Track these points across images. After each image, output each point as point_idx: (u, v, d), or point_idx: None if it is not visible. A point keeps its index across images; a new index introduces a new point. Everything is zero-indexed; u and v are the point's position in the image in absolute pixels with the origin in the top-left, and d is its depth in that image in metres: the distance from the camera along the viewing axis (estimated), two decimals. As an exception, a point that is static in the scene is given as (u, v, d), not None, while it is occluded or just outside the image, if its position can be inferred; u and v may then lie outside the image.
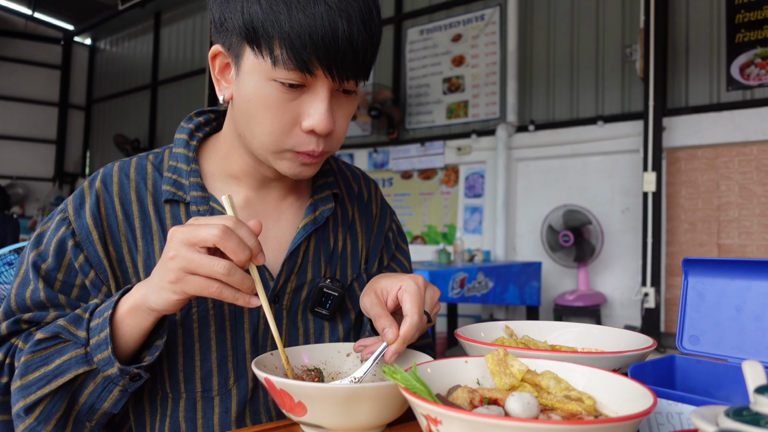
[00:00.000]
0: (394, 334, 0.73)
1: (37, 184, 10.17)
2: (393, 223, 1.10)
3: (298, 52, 0.72)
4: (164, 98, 9.24)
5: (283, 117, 0.77)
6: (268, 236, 0.92)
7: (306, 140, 0.79)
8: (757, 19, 4.21)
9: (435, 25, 6.05)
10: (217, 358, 0.84)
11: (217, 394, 0.83)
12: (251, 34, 0.74)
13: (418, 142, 6.02)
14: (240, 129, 0.83)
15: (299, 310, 0.91)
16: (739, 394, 0.64)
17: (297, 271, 0.91)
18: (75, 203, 0.86)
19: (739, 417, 0.41)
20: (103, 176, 0.88)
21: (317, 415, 0.63)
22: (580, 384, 0.60)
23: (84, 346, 0.73)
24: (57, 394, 0.73)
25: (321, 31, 0.72)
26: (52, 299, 0.81)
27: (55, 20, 10.16)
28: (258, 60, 0.75)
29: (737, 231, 4.26)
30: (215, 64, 0.83)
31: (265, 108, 0.77)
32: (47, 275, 0.82)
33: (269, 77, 0.75)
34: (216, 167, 0.92)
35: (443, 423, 0.47)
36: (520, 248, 5.35)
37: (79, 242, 0.82)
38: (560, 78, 5.18)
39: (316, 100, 0.77)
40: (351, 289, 0.97)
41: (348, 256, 0.99)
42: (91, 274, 0.82)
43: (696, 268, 0.75)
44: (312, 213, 0.93)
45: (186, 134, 0.92)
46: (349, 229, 1.00)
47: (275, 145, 0.80)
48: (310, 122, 0.77)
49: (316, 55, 0.72)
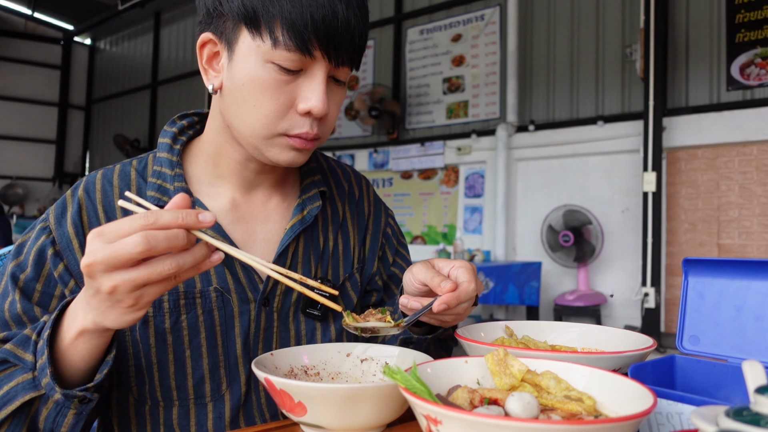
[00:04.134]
0: (452, 284, 0.74)
1: (37, 184, 10.16)
2: (390, 219, 1.09)
3: (299, 32, 0.73)
4: (164, 98, 9.25)
5: (279, 99, 0.77)
6: (257, 238, 0.90)
7: (300, 122, 0.79)
8: (757, 19, 4.21)
9: (435, 25, 6.05)
10: (208, 365, 0.83)
11: (210, 399, 0.83)
12: (250, 14, 0.74)
13: (418, 142, 6.02)
14: (229, 117, 0.82)
15: (290, 312, 0.90)
16: (739, 394, 0.64)
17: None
18: (56, 212, 0.83)
19: (739, 417, 0.41)
20: (86, 184, 0.86)
21: (317, 415, 0.63)
22: (580, 384, 0.60)
23: (31, 370, 0.71)
24: (13, 420, 0.70)
25: (321, 12, 0.73)
26: (28, 312, 0.78)
27: (55, 20, 10.16)
28: (256, 42, 0.75)
29: (737, 231, 4.26)
30: (203, 53, 0.82)
31: (261, 90, 0.77)
32: (25, 286, 0.79)
33: (267, 59, 0.75)
34: (201, 170, 0.90)
35: (443, 423, 0.47)
36: (520, 248, 5.35)
37: (59, 251, 0.80)
38: (560, 78, 5.18)
39: (314, 83, 0.77)
40: (343, 288, 0.96)
41: (339, 256, 0.97)
42: (71, 283, 0.80)
43: (696, 268, 0.75)
44: (300, 213, 0.92)
45: (169, 138, 0.91)
46: (340, 227, 0.99)
47: (268, 129, 0.79)
48: (306, 104, 0.77)
49: (316, 37, 0.73)
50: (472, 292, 0.77)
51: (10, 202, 9.55)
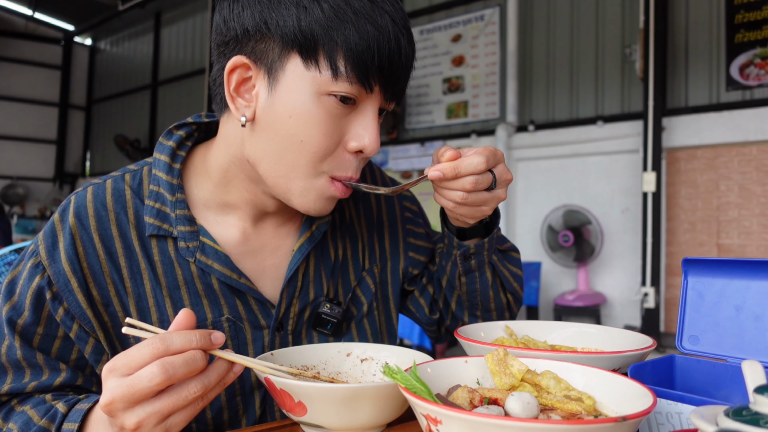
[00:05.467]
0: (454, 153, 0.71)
1: (37, 185, 10.17)
2: (406, 201, 1.03)
3: (364, 65, 0.67)
4: (164, 98, 9.25)
5: (332, 135, 0.70)
6: (266, 265, 0.86)
7: (347, 162, 0.73)
8: (756, 19, 4.21)
9: (435, 26, 6.05)
10: (226, 395, 0.81)
11: (227, 427, 0.82)
12: (309, 41, 0.67)
13: (418, 142, 6.02)
14: (258, 154, 0.73)
15: (303, 329, 0.88)
16: (738, 394, 0.64)
17: (298, 295, 0.86)
18: (47, 243, 0.75)
19: (738, 417, 0.41)
20: (77, 209, 0.77)
21: (317, 415, 0.63)
22: (580, 384, 0.60)
23: None
24: None
25: (388, 46, 0.68)
26: (29, 359, 0.74)
27: (55, 20, 10.16)
28: (311, 72, 0.68)
29: (737, 231, 4.26)
30: (232, 78, 0.72)
31: (313, 125, 0.69)
32: (24, 331, 0.74)
33: (325, 91, 0.68)
34: (207, 194, 0.82)
35: (443, 423, 0.47)
36: (520, 248, 5.34)
37: (57, 293, 0.74)
38: (560, 78, 5.18)
39: (367, 119, 0.72)
40: (354, 297, 0.93)
41: (349, 263, 0.94)
42: (74, 326, 0.75)
43: (696, 268, 0.75)
44: (308, 230, 0.87)
45: (167, 155, 0.81)
46: (348, 231, 0.95)
47: (314, 168, 0.72)
48: (360, 142, 0.72)
49: (380, 71, 0.68)
50: (479, 165, 0.70)
51: (11, 202, 9.55)
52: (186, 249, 0.79)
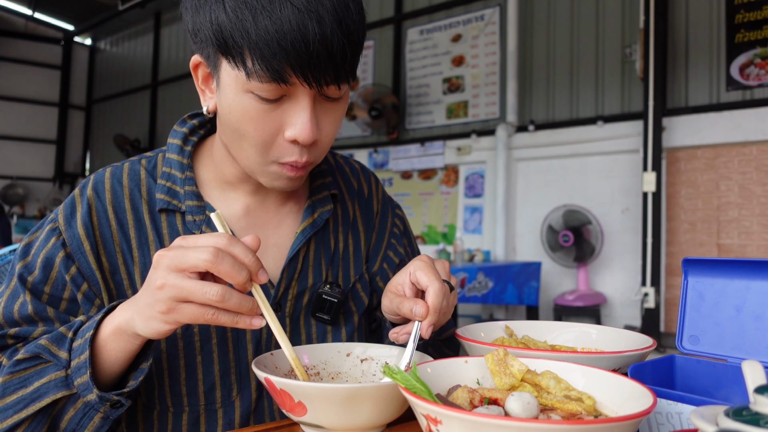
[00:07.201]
0: (424, 307, 0.73)
1: (37, 185, 10.17)
2: (396, 219, 1.06)
3: (269, 62, 0.67)
4: (164, 98, 9.25)
5: (264, 129, 0.74)
6: (268, 243, 0.89)
7: (289, 150, 0.76)
8: (756, 19, 4.21)
9: (435, 26, 6.05)
10: (219, 371, 0.82)
11: (220, 406, 0.82)
12: (222, 44, 0.69)
13: (418, 142, 6.02)
14: (225, 140, 0.81)
15: (301, 315, 0.89)
16: (738, 394, 0.64)
17: (297, 277, 0.89)
18: (66, 212, 0.82)
19: (738, 417, 0.41)
20: (95, 183, 0.84)
21: (317, 415, 0.63)
22: (580, 384, 0.60)
23: (65, 368, 0.69)
24: (36, 418, 0.69)
25: (290, 36, 0.66)
26: (40, 312, 0.77)
27: (55, 20, 10.16)
28: (234, 71, 0.71)
29: (737, 231, 4.26)
30: (198, 74, 0.80)
31: (246, 120, 0.73)
32: (34, 288, 0.78)
33: (246, 89, 0.71)
34: (211, 174, 0.89)
35: (443, 423, 0.47)
36: (520, 248, 5.35)
37: (71, 253, 0.79)
38: (560, 78, 5.18)
39: (298, 109, 0.73)
40: (354, 291, 0.95)
41: (350, 257, 0.96)
42: (84, 286, 0.79)
43: (696, 268, 0.75)
44: (310, 216, 0.91)
45: (180, 139, 0.89)
46: (351, 228, 0.98)
47: (260, 157, 0.76)
48: (292, 132, 0.73)
49: (288, 63, 0.67)
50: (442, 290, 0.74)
51: (11, 202, 9.55)
52: (193, 222, 0.84)
